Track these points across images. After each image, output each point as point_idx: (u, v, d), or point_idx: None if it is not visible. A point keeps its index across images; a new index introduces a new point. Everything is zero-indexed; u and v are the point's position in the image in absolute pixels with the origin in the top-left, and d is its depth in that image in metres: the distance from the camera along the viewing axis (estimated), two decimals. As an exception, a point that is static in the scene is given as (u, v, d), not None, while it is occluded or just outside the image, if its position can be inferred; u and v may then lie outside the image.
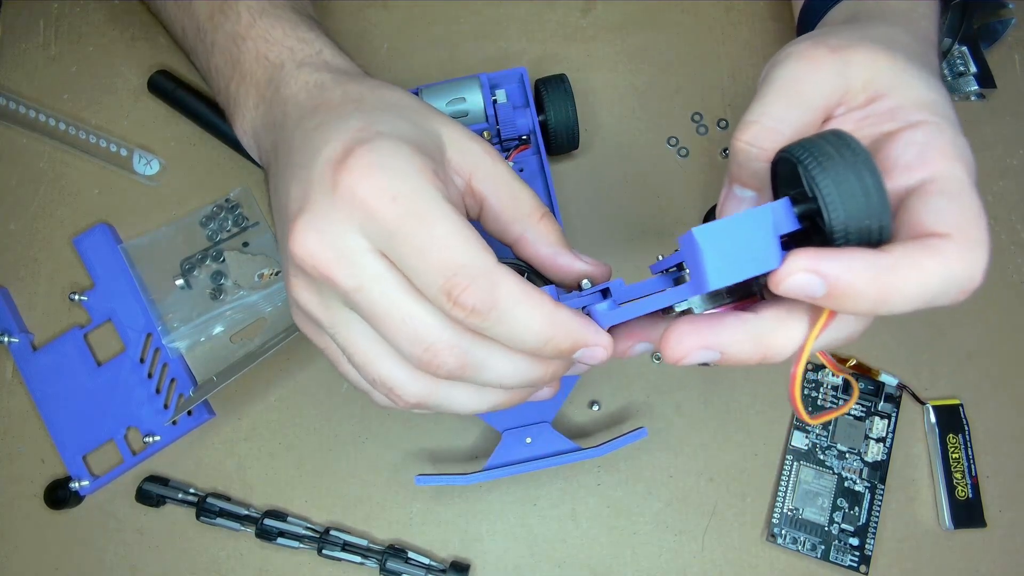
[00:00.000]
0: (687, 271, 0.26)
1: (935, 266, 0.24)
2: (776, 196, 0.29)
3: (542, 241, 0.32)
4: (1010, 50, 0.51)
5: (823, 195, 0.24)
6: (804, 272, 0.23)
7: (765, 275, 0.24)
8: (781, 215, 0.25)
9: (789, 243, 0.26)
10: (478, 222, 0.34)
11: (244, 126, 0.37)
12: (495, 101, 0.45)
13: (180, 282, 0.47)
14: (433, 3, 0.53)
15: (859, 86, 0.29)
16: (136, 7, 0.52)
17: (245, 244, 0.48)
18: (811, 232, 0.26)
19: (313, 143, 0.29)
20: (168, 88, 0.50)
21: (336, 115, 0.30)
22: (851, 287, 0.23)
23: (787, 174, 0.27)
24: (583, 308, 0.30)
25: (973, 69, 0.49)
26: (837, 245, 0.24)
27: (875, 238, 0.24)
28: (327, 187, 0.27)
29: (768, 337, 0.26)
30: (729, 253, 0.23)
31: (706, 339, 0.26)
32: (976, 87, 0.49)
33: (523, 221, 0.32)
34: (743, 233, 0.23)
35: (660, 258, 0.30)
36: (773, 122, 0.29)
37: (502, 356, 0.28)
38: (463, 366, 0.27)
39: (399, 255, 0.27)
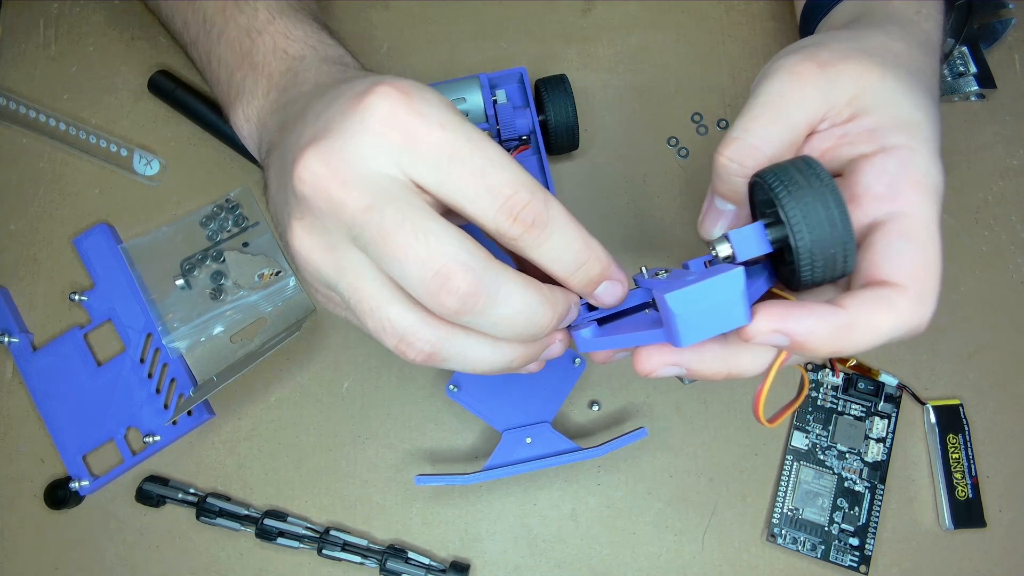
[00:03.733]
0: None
1: (887, 320, 0.26)
2: (754, 214, 0.30)
3: None
4: (1010, 50, 0.51)
5: (791, 223, 0.25)
6: (770, 332, 0.25)
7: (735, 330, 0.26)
8: (751, 273, 0.27)
9: (759, 264, 0.28)
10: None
11: (248, 113, 0.37)
12: (495, 101, 0.45)
13: (180, 282, 0.47)
14: (433, 3, 0.53)
15: (844, 101, 0.30)
16: (136, 7, 0.52)
17: (245, 244, 0.48)
18: (781, 254, 0.27)
19: (337, 91, 0.28)
20: (168, 88, 0.50)
21: (364, 75, 0.30)
22: (811, 343, 0.25)
23: (764, 196, 0.28)
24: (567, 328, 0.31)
25: (973, 69, 0.49)
26: (803, 271, 0.26)
27: (840, 266, 0.26)
28: (353, 114, 0.26)
29: (733, 358, 0.28)
30: (701, 315, 0.24)
31: (673, 357, 0.28)
32: (976, 87, 0.49)
33: None
34: (715, 296, 0.24)
35: (643, 270, 0.31)
36: (754, 139, 0.29)
37: (517, 288, 0.27)
38: (476, 293, 0.25)
39: (449, 179, 0.26)
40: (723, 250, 0.27)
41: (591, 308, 0.31)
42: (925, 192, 0.28)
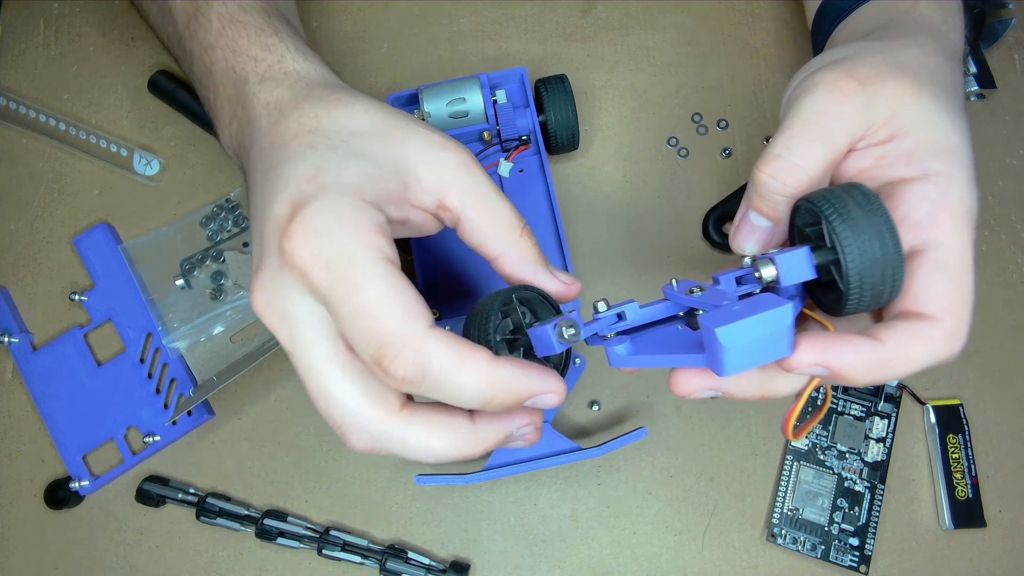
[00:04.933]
0: (700, 314, 0.28)
1: (922, 354, 0.27)
2: (792, 235, 0.31)
3: (522, 260, 0.31)
4: (1010, 50, 0.51)
5: (844, 253, 0.26)
6: (812, 365, 0.26)
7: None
8: (798, 306, 0.28)
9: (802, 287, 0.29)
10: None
11: (225, 140, 0.37)
12: (495, 101, 0.45)
13: (180, 282, 0.47)
14: (433, 3, 0.53)
15: (882, 120, 0.30)
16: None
17: (245, 244, 0.48)
18: (824, 279, 0.27)
19: (265, 194, 0.29)
20: (168, 88, 0.50)
21: (287, 156, 0.30)
22: (850, 375, 0.27)
23: (808, 219, 0.28)
24: (596, 334, 0.30)
25: (973, 69, 0.49)
26: (850, 301, 0.26)
27: (886, 295, 0.26)
28: (275, 250, 0.28)
29: (770, 383, 0.29)
30: (748, 348, 0.24)
31: (712, 382, 0.28)
32: (976, 87, 0.49)
33: (503, 239, 0.31)
34: (763, 330, 0.24)
35: (674, 283, 0.30)
36: (796, 157, 0.29)
37: (421, 438, 0.28)
38: (373, 450, 0.28)
39: (337, 323, 0.27)
40: (767, 273, 0.27)
41: (620, 318, 0.30)
42: (962, 221, 0.29)
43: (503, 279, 0.33)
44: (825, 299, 0.29)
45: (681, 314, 0.31)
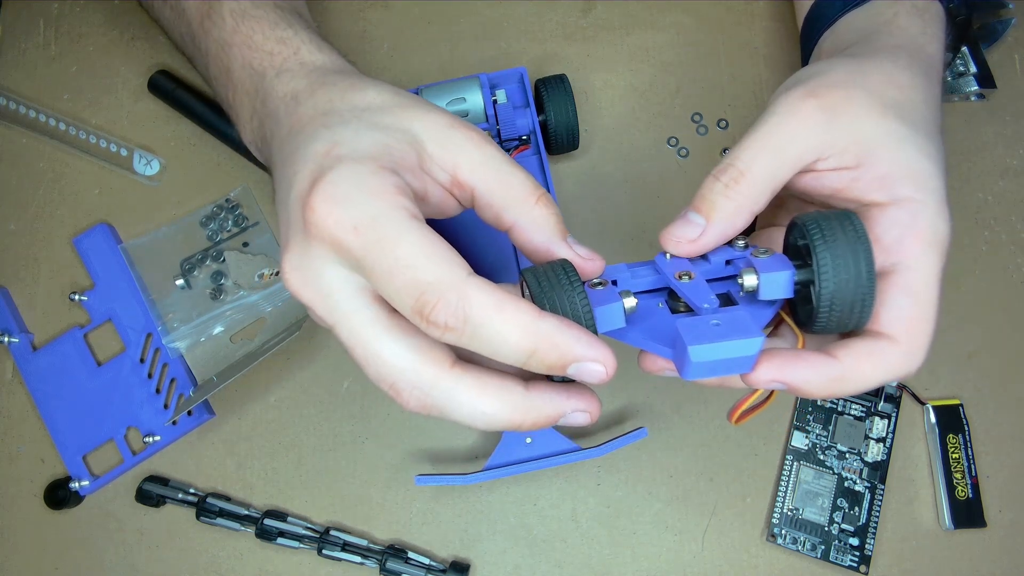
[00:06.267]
0: (681, 312, 0.30)
1: (877, 373, 0.28)
2: (786, 243, 0.31)
3: (535, 229, 0.30)
4: (1010, 50, 0.51)
5: (820, 281, 0.27)
6: (770, 381, 0.28)
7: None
8: (770, 314, 0.30)
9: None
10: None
11: (247, 137, 0.37)
12: (495, 101, 0.45)
13: (180, 282, 0.47)
14: (433, 3, 0.53)
15: (844, 143, 0.31)
16: (136, 7, 0.52)
17: (245, 244, 0.48)
18: (801, 295, 0.29)
19: (287, 177, 0.29)
20: (168, 88, 0.50)
21: (304, 138, 0.30)
22: (806, 390, 0.28)
23: (800, 236, 0.29)
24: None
25: (973, 69, 0.49)
26: (818, 320, 0.28)
27: (856, 315, 0.28)
28: (300, 226, 0.28)
29: (727, 379, 0.31)
30: (715, 363, 0.26)
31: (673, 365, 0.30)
32: (976, 87, 0.49)
33: (515, 208, 0.30)
34: (731, 353, 0.26)
35: (668, 257, 0.32)
36: (742, 165, 0.31)
37: (472, 397, 0.27)
38: (425, 407, 0.28)
39: (373, 283, 0.27)
40: (749, 281, 0.29)
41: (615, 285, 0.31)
42: (931, 246, 0.29)
43: (521, 252, 0.32)
44: (800, 311, 0.30)
45: (669, 289, 0.32)
